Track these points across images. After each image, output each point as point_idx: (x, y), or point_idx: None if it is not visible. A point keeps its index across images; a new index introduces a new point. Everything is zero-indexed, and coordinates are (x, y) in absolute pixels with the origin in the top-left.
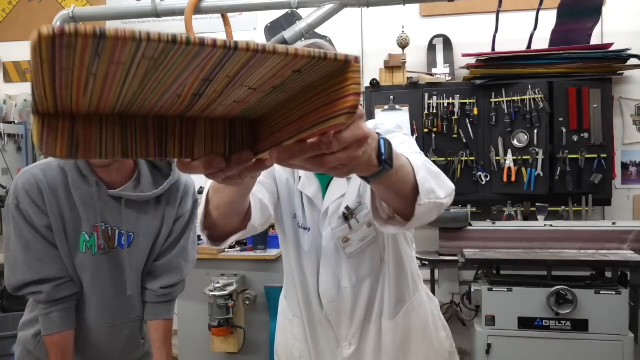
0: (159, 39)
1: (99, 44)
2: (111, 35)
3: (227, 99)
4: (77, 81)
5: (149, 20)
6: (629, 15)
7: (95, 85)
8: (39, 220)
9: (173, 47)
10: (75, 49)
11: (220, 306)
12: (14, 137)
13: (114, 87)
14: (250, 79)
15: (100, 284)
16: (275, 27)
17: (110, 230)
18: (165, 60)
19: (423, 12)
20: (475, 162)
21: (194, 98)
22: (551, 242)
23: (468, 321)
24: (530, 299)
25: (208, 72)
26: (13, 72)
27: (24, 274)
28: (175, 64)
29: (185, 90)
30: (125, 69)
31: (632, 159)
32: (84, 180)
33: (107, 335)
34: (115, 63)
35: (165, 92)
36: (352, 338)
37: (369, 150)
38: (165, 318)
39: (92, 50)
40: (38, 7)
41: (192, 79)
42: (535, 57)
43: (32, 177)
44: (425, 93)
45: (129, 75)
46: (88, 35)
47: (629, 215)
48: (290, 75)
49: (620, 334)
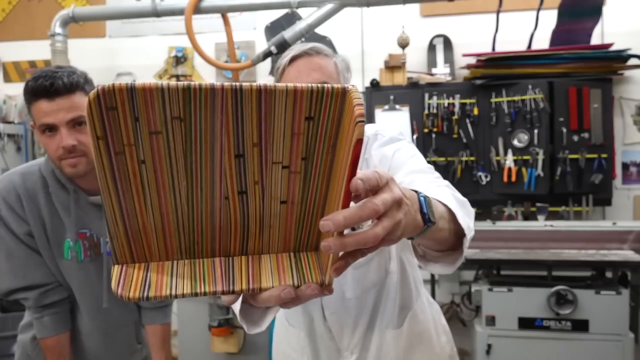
0: (176, 86)
1: (133, 96)
2: (139, 86)
3: (271, 199)
4: (133, 177)
5: (149, 20)
6: (629, 15)
7: (150, 183)
8: (19, 227)
9: (189, 92)
10: (117, 108)
11: (220, 306)
12: (13, 137)
13: (166, 182)
14: (275, 147)
15: (89, 291)
16: (275, 27)
17: (95, 237)
18: (192, 119)
19: (423, 12)
20: (475, 162)
21: (241, 197)
22: (551, 242)
23: (468, 321)
24: (530, 299)
25: (234, 134)
26: (13, 72)
27: (9, 281)
28: (201, 120)
29: (229, 188)
30: (165, 142)
31: (633, 159)
32: (62, 188)
33: (101, 341)
34: (154, 132)
35: (212, 189)
36: (354, 348)
37: (412, 210)
38: (162, 322)
39: (130, 109)
40: (38, 6)
41: (224, 158)
42: (535, 57)
43: (10, 184)
44: (426, 93)
45: (170, 154)
46: (122, 88)
47: (629, 215)
48: (306, 127)
49: (621, 334)
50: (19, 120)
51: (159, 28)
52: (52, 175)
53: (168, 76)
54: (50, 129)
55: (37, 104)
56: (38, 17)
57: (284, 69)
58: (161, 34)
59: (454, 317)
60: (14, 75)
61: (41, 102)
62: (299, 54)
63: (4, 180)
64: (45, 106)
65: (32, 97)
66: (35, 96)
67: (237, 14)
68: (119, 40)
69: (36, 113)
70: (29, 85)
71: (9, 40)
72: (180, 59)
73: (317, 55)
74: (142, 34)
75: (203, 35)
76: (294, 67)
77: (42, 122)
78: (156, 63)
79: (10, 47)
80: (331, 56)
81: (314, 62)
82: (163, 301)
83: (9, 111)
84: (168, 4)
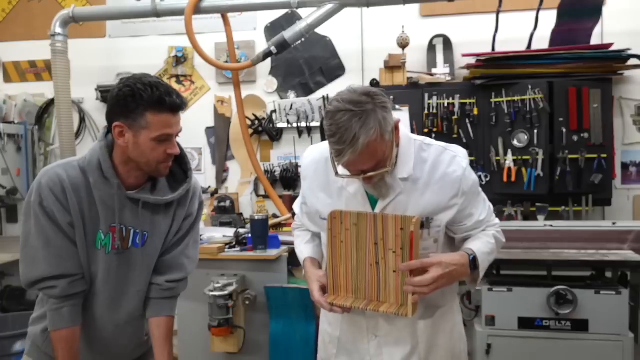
0: (357, 213)
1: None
2: (344, 212)
3: (387, 269)
4: (338, 248)
5: (149, 20)
6: (629, 15)
7: (345, 251)
8: (62, 217)
9: (358, 215)
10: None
11: (220, 306)
12: (13, 137)
13: (349, 252)
14: (389, 241)
15: (110, 282)
16: (275, 27)
17: (125, 230)
18: (359, 226)
19: (423, 12)
20: (475, 162)
21: (377, 265)
22: (551, 242)
23: (468, 321)
24: (530, 299)
25: (374, 234)
26: (13, 72)
27: (43, 269)
28: (362, 226)
29: (372, 260)
30: (350, 234)
31: (632, 159)
32: (105, 182)
33: (113, 332)
34: (346, 229)
35: (366, 260)
36: (380, 330)
37: (461, 270)
38: (168, 315)
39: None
40: (38, 7)
41: (371, 245)
42: (535, 57)
43: (56, 176)
44: (425, 93)
45: (352, 240)
46: (343, 214)
47: (629, 215)
48: (400, 231)
49: (620, 334)
50: (19, 120)
51: (159, 28)
52: (98, 169)
53: (168, 76)
54: (165, 139)
55: (162, 115)
56: (38, 17)
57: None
58: (161, 34)
59: None
60: (14, 75)
61: (166, 115)
62: (342, 155)
63: (49, 172)
64: (170, 119)
65: (157, 107)
66: (161, 106)
67: (237, 14)
68: (119, 40)
69: (156, 122)
70: (153, 95)
71: (9, 40)
72: (180, 59)
73: (365, 150)
74: (142, 34)
75: (203, 35)
76: (346, 164)
77: (163, 132)
78: (156, 63)
79: (10, 47)
80: (374, 130)
81: (362, 158)
82: (172, 290)
83: (9, 111)
84: (168, 4)
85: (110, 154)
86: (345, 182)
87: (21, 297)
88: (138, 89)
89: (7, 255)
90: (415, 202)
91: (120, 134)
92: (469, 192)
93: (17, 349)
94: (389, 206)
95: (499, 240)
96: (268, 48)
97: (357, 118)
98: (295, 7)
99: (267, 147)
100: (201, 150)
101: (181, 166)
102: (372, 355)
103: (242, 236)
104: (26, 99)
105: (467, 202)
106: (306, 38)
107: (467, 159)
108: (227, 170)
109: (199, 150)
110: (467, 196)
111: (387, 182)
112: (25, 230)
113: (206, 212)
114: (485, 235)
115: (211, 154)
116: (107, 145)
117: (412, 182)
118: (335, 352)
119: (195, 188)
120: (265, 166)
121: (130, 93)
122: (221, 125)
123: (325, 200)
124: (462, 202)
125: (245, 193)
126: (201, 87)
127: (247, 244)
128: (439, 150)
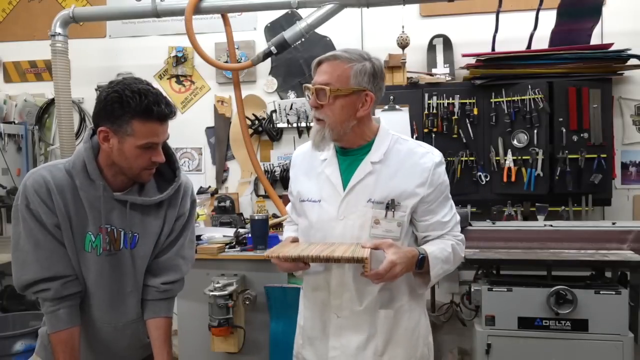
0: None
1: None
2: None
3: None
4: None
5: (149, 21)
6: (629, 15)
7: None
8: (49, 219)
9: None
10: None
11: (220, 306)
12: (14, 137)
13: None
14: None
15: (103, 284)
16: (275, 27)
17: (116, 231)
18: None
19: (423, 12)
20: (475, 162)
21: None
22: (551, 242)
23: (468, 321)
24: (530, 299)
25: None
26: (13, 72)
27: (34, 272)
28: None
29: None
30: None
31: (632, 159)
32: (91, 184)
33: (112, 334)
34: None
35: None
36: (343, 310)
37: (409, 266)
38: (166, 316)
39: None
40: (38, 7)
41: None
42: (535, 57)
43: (41, 178)
44: (425, 93)
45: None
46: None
47: (629, 215)
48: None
49: (620, 334)
50: (19, 120)
51: (159, 28)
52: (83, 171)
53: (168, 76)
54: (150, 146)
55: (148, 124)
56: (38, 17)
57: (314, 69)
58: (161, 34)
59: (453, 317)
60: (14, 76)
61: (154, 124)
62: (321, 59)
63: (34, 174)
64: (156, 128)
65: (143, 115)
66: (148, 115)
67: (237, 14)
68: (119, 40)
69: (142, 130)
70: (141, 103)
71: (9, 41)
72: (180, 59)
73: (332, 61)
74: (142, 34)
75: (203, 35)
76: (316, 70)
77: (149, 141)
78: (156, 63)
79: (10, 47)
80: (352, 61)
81: (321, 69)
82: (168, 291)
83: (9, 111)
84: (168, 4)
85: (96, 155)
86: (323, 165)
87: (21, 297)
88: (126, 96)
89: (7, 256)
90: (384, 184)
91: (105, 139)
92: (436, 188)
93: (17, 349)
94: (358, 185)
95: (457, 254)
96: (268, 48)
97: (347, 51)
98: (295, 7)
99: (267, 147)
100: (201, 150)
101: (170, 165)
102: (333, 343)
103: (242, 236)
104: (26, 99)
105: (433, 197)
106: (306, 38)
107: (442, 159)
108: (227, 170)
109: (199, 150)
110: (435, 192)
111: (326, 135)
112: (15, 233)
113: (206, 212)
114: (443, 243)
115: (211, 154)
116: (93, 147)
117: (383, 165)
118: (302, 343)
119: (186, 187)
120: (265, 166)
121: (118, 99)
122: (221, 125)
123: (305, 182)
124: (428, 195)
125: (245, 193)
126: (201, 87)
127: (247, 244)
128: (414, 145)
